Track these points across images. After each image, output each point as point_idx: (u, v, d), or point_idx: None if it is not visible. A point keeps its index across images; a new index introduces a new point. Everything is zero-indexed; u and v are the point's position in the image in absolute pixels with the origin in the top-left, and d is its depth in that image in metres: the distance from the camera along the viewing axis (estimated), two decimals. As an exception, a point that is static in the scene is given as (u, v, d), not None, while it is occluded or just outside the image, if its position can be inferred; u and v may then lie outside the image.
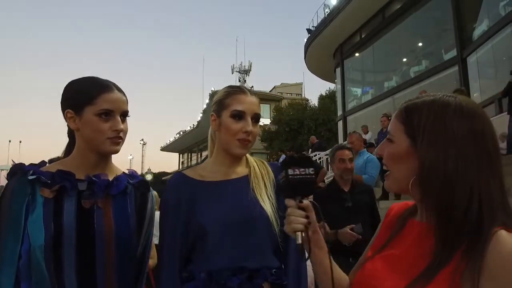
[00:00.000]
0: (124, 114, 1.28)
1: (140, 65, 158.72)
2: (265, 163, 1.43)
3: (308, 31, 18.08)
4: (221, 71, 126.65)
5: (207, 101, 32.74)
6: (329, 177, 9.59)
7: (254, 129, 1.33)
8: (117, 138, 1.24)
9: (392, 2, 13.91)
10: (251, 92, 1.38)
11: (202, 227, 1.26)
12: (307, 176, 0.95)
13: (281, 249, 1.31)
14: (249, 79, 38.51)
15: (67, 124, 1.29)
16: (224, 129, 1.33)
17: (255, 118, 1.34)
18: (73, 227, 1.16)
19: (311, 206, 0.96)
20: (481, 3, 10.93)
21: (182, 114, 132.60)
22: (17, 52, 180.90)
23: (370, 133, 11.16)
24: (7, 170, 1.24)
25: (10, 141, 43.55)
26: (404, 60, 14.81)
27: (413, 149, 0.85)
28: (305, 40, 18.31)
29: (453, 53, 11.54)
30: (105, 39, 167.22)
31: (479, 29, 10.80)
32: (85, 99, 1.22)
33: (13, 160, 1.26)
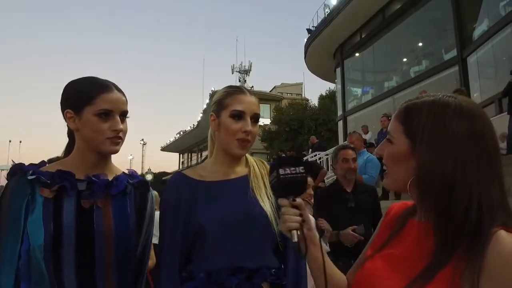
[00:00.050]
0: (124, 114, 1.28)
1: (140, 65, 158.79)
2: (264, 163, 1.43)
3: (308, 31, 18.06)
4: (221, 71, 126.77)
5: (207, 101, 32.71)
6: (329, 177, 9.60)
7: (254, 129, 1.33)
8: (116, 138, 1.24)
9: (392, 2, 13.90)
10: (250, 92, 1.38)
11: (202, 227, 1.26)
12: (298, 174, 0.95)
13: (280, 249, 1.31)
14: (249, 79, 38.53)
15: (67, 124, 1.29)
16: (224, 129, 1.33)
17: (255, 118, 1.34)
18: (73, 227, 1.16)
19: (304, 204, 0.97)
20: (481, 3, 10.92)
21: (182, 114, 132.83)
22: (16, 52, 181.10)
23: (370, 133, 11.15)
24: (7, 170, 1.24)
25: (10, 141, 43.62)
26: (404, 60, 14.80)
27: (412, 150, 0.85)
28: (305, 40, 18.29)
29: (453, 53, 11.53)
30: (105, 39, 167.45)
31: (479, 29, 10.79)
32: (85, 99, 1.22)
33: (13, 160, 1.26)
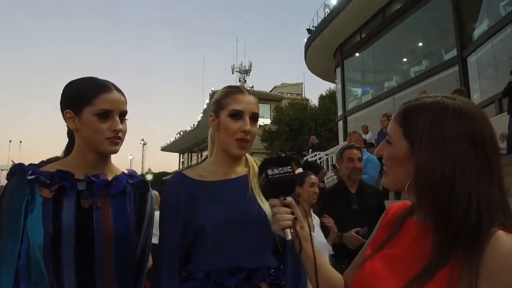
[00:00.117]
0: (123, 114, 1.28)
1: (140, 65, 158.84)
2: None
3: (308, 31, 18.04)
4: (222, 71, 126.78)
5: (207, 101, 32.70)
6: (328, 177, 9.60)
7: (253, 128, 1.33)
8: (116, 138, 1.24)
9: (392, 2, 13.89)
10: (249, 91, 1.38)
11: (201, 226, 1.26)
12: (286, 174, 0.97)
13: (279, 249, 1.31)
14: (250, 79, 38.51)
15: (67, 125, 1.29)
16: (223, 129, 1.33)
17: (254, 117, 1.34)
18: (72, 226, 1.17)
19: (294, 203, 0.98)
20: (481, 3, 10.91)
21: (182, 114, 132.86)
22: (16, 52, 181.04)
23: (370, 133, 11.15)
24: (7, 170, 1.24)
25: (10, 141, 43.68)
26: (404, 60, 14.79)
27: (411, 151, 0.85)
28: (305, 40, 18.28)
29: (453, 53, 11.52)
30: (105, 39, 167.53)
31: (479, 29, 10.78)
32: (84, 99, 1.22)
33: (12, 160, 1.26)
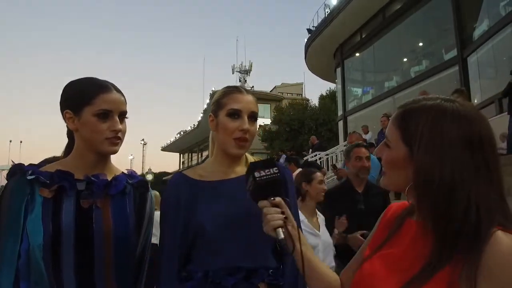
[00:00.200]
0: (123, 114, 1.28)
1: (140, 65, 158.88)
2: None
3: (309, 31, 18.04)
4: (222, 71, 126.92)
5: (207, 101, 32.71)
6: (328, 177, 9.60)
7: (252, 127, 1.33)
8: (115, 138, 1.24)
9: (392, 2, 13.89)
10: (247, 91, 1.39)
11: (201, 226, 1.26)
12: (273, 175, 1.00)
13: (278, 249, 1.30)
14: (250, 79, 38.52)
15: (66, 125, 1.29)
16: (221, 128, 1.33)
17: (252, 116, 1.34)
18: (72, 226, 1.17)
19: (283, 202, 0.99)
20: (481, 3, 10.91)
21: (182, 114, 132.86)
22: (17, 52, 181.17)
23: (370, 133, 11.15)
24: (7, 170, 1.24)
25: (11, 141, 43.73)
26: (404, 60, 14.79)
27: (410, 155, 0.85)
28: (306, 40, 18.28)
29: (454, 53, 11.52)
30: (105, 39, 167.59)
31: (480, 29, 10.78)
32: (84, 100, 1.22)
33: (12, 161, 1.26)
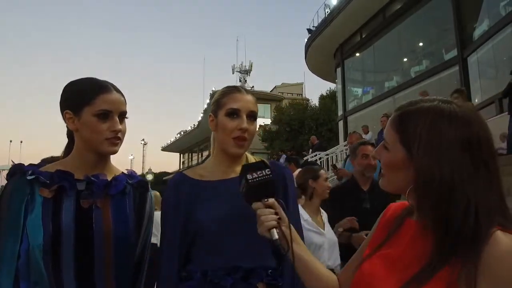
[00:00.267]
0: (123, 114, 1.28)
1: (140, 65, 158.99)
2: (265, 161, 1.42)
3: (309, 31, 18.04)
4: (222, 71, 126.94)
5: (208, 101, 32.71)
6: (329, 178, 9.58)
7: (251, 126, 1.32)
8: (115, 138, 1.24)
9: (392, 2, 13.89)
10: (247, 90, 1.39)
11: (201, 226, 1.26)
12: (266, 176, 1.00)
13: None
14: (250, 79, 38.50)
15: (66, 125, 1.29)
16: (221, 128, 1.33)
17: (251, 115, 1.34)
18: (72, 226, 1.17)
19: (277, 203, 0.99)
20: (482, 3, 10.91)
21: (183, 114, 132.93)
22: (17, 53, 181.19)
23: (371, 133, 11.15)
24: (8, 170, 1.24)
25: (11, 141, 43.70)
26: (404, 60, 14.79)
27: (409, 158, 0.85)
28: (306, 40, 18.28)
29: (454, 53, 11.53)
30: (105, 39, 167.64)
31: (480, 29, 10.78)
32: (84, 100, 1.22)
33: (12, 161, 1.26)
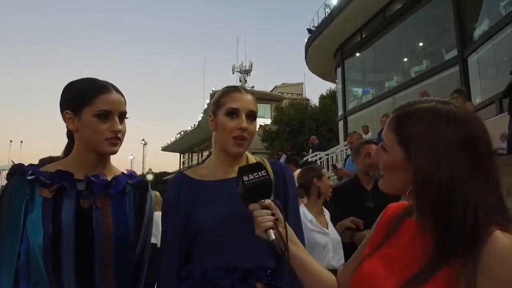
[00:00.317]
0: (123, 115, 1.28)
1: (140, 65, 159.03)
2: (265, 161, 1.41)
3: (309, 31, 18.05)
4: (222, 71, 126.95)
5: (208, 101, 32.72)
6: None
7: (250, 126, 1.32)
8: (115, 139, 1.25)
9: (392, 2, 13.90)
10: (246, 90, 1.39)
11: (200, 225, 1.27)
12: (262, 178, 1.01)
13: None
14: (250, 79, 38.53)
15: (66, 125, 1.29)
16: (220, 128, 1.34)
17: (251, 115, 1.34)
18: (72, 226, 1.17)
19: (273, 204, 1.00)
20: (482, 3, 10.91)
21: (183, 114, 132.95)
22: (17, 53, 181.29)
23: (371, 133, 11.15)
24: (8, 170, 1.24)
25: (11, 141, 43.68)
26: (404, 60, 14.80)
27: (407, 159, 0.85)
28: (306, 40, 18.29)
29: (454, 53, 11.53)
30: (105, 39, 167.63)
31: (480, 29, 10.78)
32: (84, 100, 1.23)
33: (12, 161, 1.26)
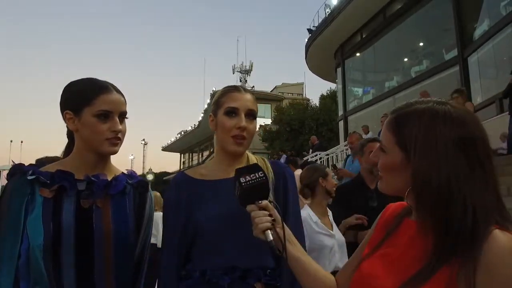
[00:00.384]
0: (123, 115, 1.28)
1: (141, 66, 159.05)
2: (265, 160, 1.41)
3: (309, 31, 18.05)
4: (222, 71, 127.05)
5: (208, 101, 32.74)
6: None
7: (250, 125, 1.32)
8: (115, 139, 1.25)
9: (393, 2, 13.89)
10: (245, 89, 1.39)
11: (200, 225, 1.27)
12: (259, 179, 1.01)
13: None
14: (250, 79, 38.56)
15: (66, 125, 1.29)
16: (220, 127, 1.34)
17: (250, 114, 1.33)
18: (72, 226, 1.17)
19: (270, 205, 1.01)
20: (482, 3, 10.90)
21: (183, 114, 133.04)
22: (18, 53, 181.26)
23: (371, 133, 11.14)
24: (8, 170, 1.24)
25: (11, 141, 43.59)
26: (405, 60, 14.80)
27: (406, 159, 0.85)
28: (306, 40, 18.29)
29: (454, 53, 11.52)
30: (106, 39, 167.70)
31: (480, 29, 10.77)
32: (84, 100, 1.23)
33: (13, 161, 1.26)
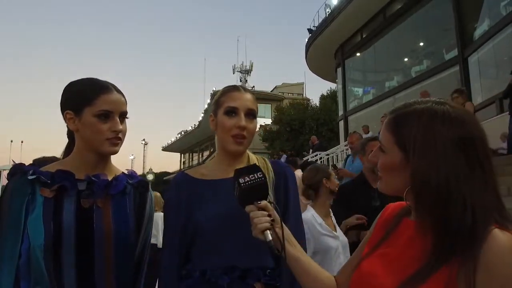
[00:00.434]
0: (123, 115, 1.28)
1: (141, 66, 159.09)
2: (266, 160, 1.41)
3: (309, 31, 18.04)
4: (223, 71, 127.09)
5: (208, 101, 32.76)
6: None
7: (250, 125, 1.32)
8: (116, 139, 1.25)
9: (393, 2, 13.88)
10: (245, 89, 1.39)
11: (200, 224, 1.27)
12: (258, 179, 1.02)
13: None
14: (250, 79, 38.62)
15: (67, 125, 1.30)
16: (220, 127, 1.34)
17: (250, 114, 1.33)
18: (73, 226, 1.17)
19: (269, 205, 1.01)
20: (482, 3, 10.90)
21: (183, 114, 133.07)
22: (18, 53, 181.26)
23: (371, 133, 11.14)
24: (9, 170, 1.24)
25: (12, 141, 43.50)
26: (405, 60, 14.79)
27: (405, 159, 0.86)
28: (306, 40, 18.29)
29: (454, 52, 11.51)
30: (106, 39, 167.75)
31: (480, 28, 10.77)
32: (84, 100, 1.23)
33: (13, 161, 1.27)
